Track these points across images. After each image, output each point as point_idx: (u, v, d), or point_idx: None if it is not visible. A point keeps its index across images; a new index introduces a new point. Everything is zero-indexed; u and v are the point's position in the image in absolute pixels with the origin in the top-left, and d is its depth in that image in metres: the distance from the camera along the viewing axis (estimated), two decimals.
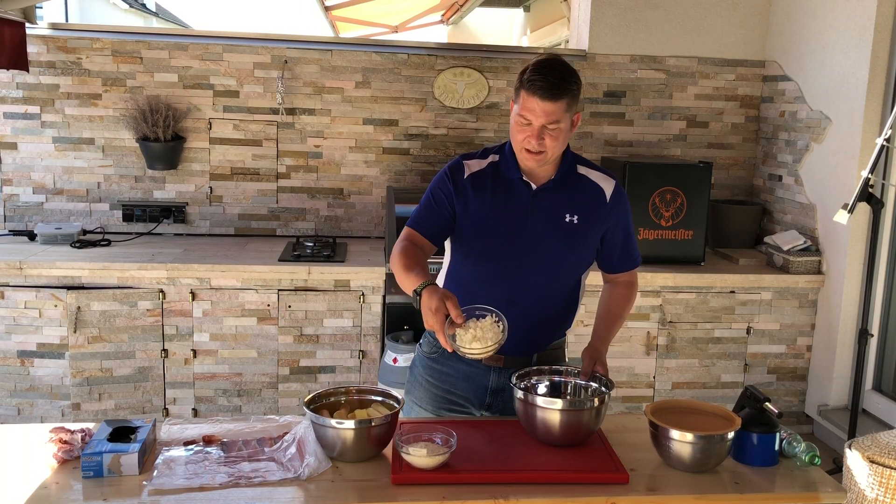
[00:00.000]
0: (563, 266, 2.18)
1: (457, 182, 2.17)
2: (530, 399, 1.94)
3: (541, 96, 1.99)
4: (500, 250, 2.14)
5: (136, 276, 3.60)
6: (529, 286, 2.15)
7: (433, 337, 2.27)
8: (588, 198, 2.17)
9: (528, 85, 2.02)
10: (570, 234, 2.14)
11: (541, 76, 2.00)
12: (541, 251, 2.14)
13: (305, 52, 4.18)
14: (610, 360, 3.92)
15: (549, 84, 1.99)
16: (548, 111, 2.00)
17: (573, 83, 2.04)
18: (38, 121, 4.10)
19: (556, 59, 2.08)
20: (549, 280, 2.17)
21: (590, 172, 2.20)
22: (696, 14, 4.37)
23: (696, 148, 4.51)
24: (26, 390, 3.64)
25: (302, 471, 1.79)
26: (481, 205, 2.15)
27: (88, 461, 1.76)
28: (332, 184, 4.31)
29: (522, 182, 2.14)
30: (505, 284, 2.13)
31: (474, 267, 2.18)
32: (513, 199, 2.14)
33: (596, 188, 2.18)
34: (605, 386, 2.05)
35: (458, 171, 2.19)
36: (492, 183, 2.16)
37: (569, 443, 1.94)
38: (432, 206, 2.19)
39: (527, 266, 2.14)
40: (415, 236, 2.18)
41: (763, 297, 3.91)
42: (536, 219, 2.13)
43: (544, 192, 2.14)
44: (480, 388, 2.22)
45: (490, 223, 2.14)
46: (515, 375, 2.05)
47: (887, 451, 2.67)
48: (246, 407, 3.76)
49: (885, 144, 3.07)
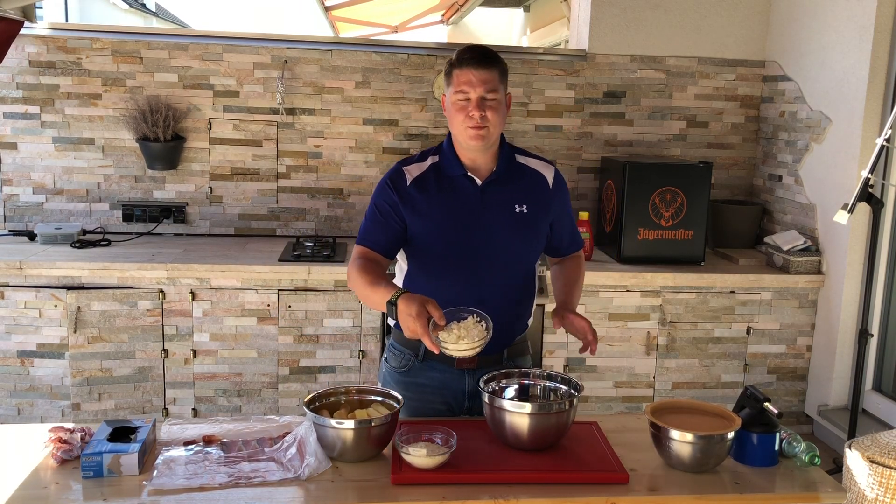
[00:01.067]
0: (520, 257, 2.20)
1: (400, 191, 2.14)
2: (497, 403, 1.91)
3: (475, 66, 2.06)
4: (458, 251, 2.13)
5: (136, 276, 3.60)
6: (493, 282, 2.15)
7: (399, 349, 2.25)
8: (533, 186, 2.20)
9: (459, 62, 2.09)
10: (523, 224, 2.16)
11: (469, 51, 2.09)
12: (497, 245, 2.14)
13: (305, 52, 4.18)
14: (610, 360, 3.96)
15: (479, 54, 2.08)
16: (484, 79, 2.06)
17: (499, 58, 2.13)
18: (38, 121, 4.10)
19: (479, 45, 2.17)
20: (509, 273, 2.18)
21: (529, 161, 2.23)
22: (696, 14, 4.37)
23: (696, 148, 4.51)
24: (26, 390, 3.64)
25: (302, 471, 1.79)
26: (430, 208, 2.13)
27: (88, 461, 1.76)
28: (332, 184, 4.31)
29: (467, 178, 2.15)
30: (471, 284, 2.11)
31: (435, 272, 2.17)
32: (461, 197, 2.14)
33: (538, 176, 2.21)
34: (574, 388, 2.03)
35: (399, 178, 2.16)
36: (436, 184, 2.15)
37: (538, 447, 1.91)
38: (380, 220, 2.16)
39: (487, 263, 2.14)
40: (368, 253, 2.16)
41: (763, 297, 3.91)
42: (488, 214, 2.14)
43: (491, 186, 2.15)
44: (458, 393, 2.22)
45: (442, 225, 2.13)
46: (483, 380, 2.01)
47: (887, 451, 2.67)
48: (246, 407, 3.76)
49: (885, 144, 3.07)
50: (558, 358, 3.82)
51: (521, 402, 1.98)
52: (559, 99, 4.36)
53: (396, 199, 2.14)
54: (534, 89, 4.34)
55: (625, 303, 3.84)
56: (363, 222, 2.22)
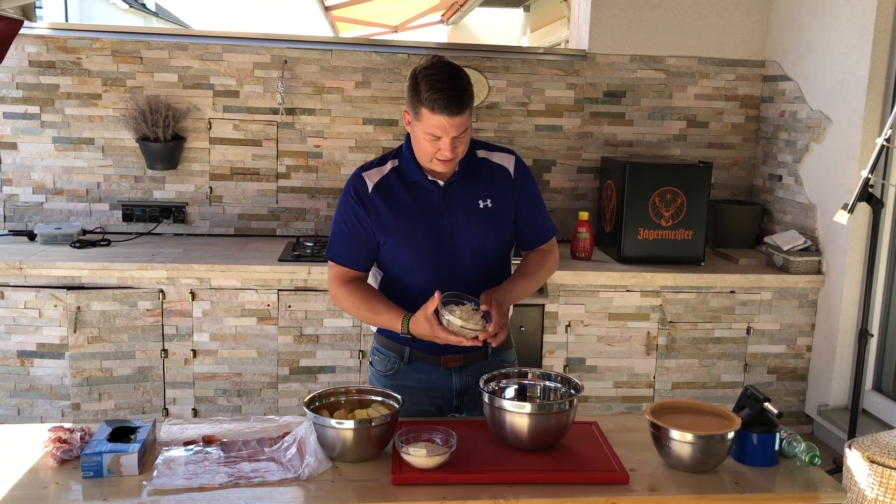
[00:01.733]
0: (490, 251, 2.19)
1: (364, 201, 2.13)
2: (497, 403, 1.91)
3: (449, 114, 1.98)
4: (427, 253, 2.13)
5: (135, 276, 3.60)
6: (466, 280, 2.14)
7: (384, 353, 2.25)
8: (495, 179, 2.18)
9: (430, 104, 1.98)
10: (488, 218, 2.16)
11: (441, 93, 1.97)
12: (466, 243, 2.14)
13: (305, 52, 4.18)
14: (610, 360, 3.95)
15: (452, 98, 1.97)
16: (457, 124, 2.00)
17: (468, 85, 2.02)
18: (37, 121, 4.10)
19: (442, 64, 2.03)
20: (482, 268, 2.18)
21: (490, 154, 2.21)
22: (696, 14, 4.37)
23: (696, 148, 4.51)
24: (26, 390, 3.64)
25: (302, 471, 1.79)
26: (395, 215, 2.13)
27: (88, 461, 1.76)
28: (332, 184, 4.31)
29: (429, 182, 2.14)
30: (444, 285, 2.09)
31: (406, 275, 2.17)
32: (423, 200, 2.14)
33: (499, 168, 2.20)
34: (574, 388, 2.03)
35: (360, 186, 2.15)
36: (398, 189, 2.14)
37: (538, 447, 1.91)
38: (348, 234, 2.16)
39: (458, 261, 2.14)
40: (346, 274, 2.16)
41: (763, 297, 3.91)
42: (453, 212, 2.13)
43: (453, 186, 2.14)
44: (446, 392, 2.22)
45: (410, 230, 2.12)
46: (482, 380, 2.02)
47: (887, 451, 2.67)
48: (246, 407, 3.76)
49: (885, 144, 3.07)
50: (558, 358, 3.82)
51: (521, 402, 1.98)
52: (559, 99, 4.36)
53: (360, 209, 2.13)
54: (534, 89, 4.34)
55: (625, 303, 3.84)
56: (331, 237, 2.20)
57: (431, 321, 1.97)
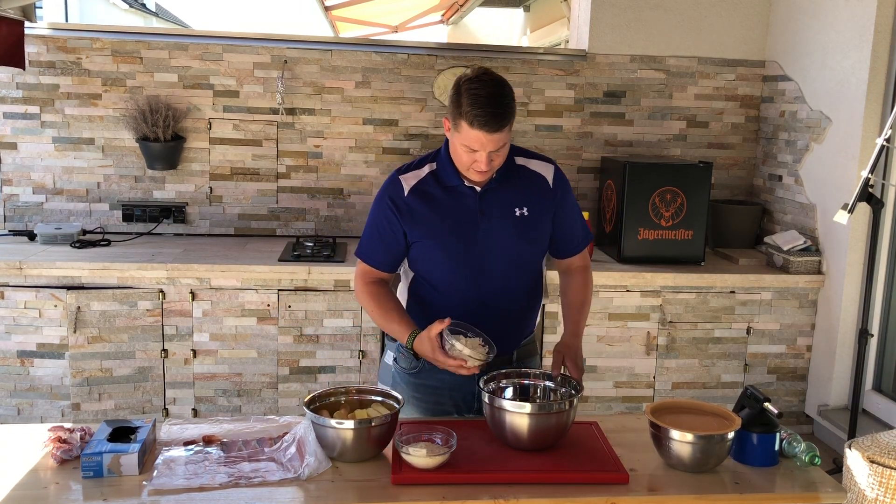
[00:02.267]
0: (523, 259, 2.19)
1: (398, 205, 2.14)
2: (497, 403, 1.91)
3: (487, 130, 1.96)
4: (460, 257, 2.13)
5: (135, 276, 3.60)
6: (496, 286, 2.15)
7: (408, 351, 2.25)
8: (533, 188, 2.17)
9: (469, 118, 1.96)
10: (525, 226, 2.15)
11: (482, 109, 1.94)
12: (500, 250, 2.14)
13: (305, 52, 4.18)
14: (610, 360, 3.95)
15: (492, 116, 1.95)
16: (495, 140, 1.99)
17: (511, 101, 1.99)
18: (37, 121, 4.10)
19: (486, 78, 1.99)
20: (514, 276, 2.18)
21: (528, 162, 2.20)
22: (696, 14, 4.37)
23: (696, 148, 4.51)
24: (26, 390, 3.64)
25: (302, 471, 1.79)
26: (431, 217, 2.13)
27: (88, 461, 1.76)
28: (332, 184, 4.31)
29: (466, 187, 2.13)
30: (473, 289, 2.12)
31: (437, 277, 2.17)
32: (461, 204, 2.13)
33: (538, 177, 2.19)
34: (574, 388, 2.02)
35: (396, 190, 2.15)
36: (435, 193, 2.14)
37: (538, 447, 1.91)
38: (378, 237, 2.18)
39: (490, 267, 2.14)
40: (371, 274, 2.21)
41: (763, 297, 3.91)
42: (488, 219, 2.13)
43: (490, 193, 2.14)
44: (468, 395, 2.23)
45: (444, 233, 2.13)
46: (482, 380, 2.02)
47: (887, 451, 2.67)
48: (246, 407, 3.76)
49: (885, 144, 3.07)
50: None
51: (521, 402, 1.98)
52: (559, 99, 4.36)
53: (394, 215, 2.14)
54: (534, 89, 4.34)
55: (625, 303, 3.84)
56: (364, 231, 2.23)
57: (434, 343, 1.99)
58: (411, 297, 2.26)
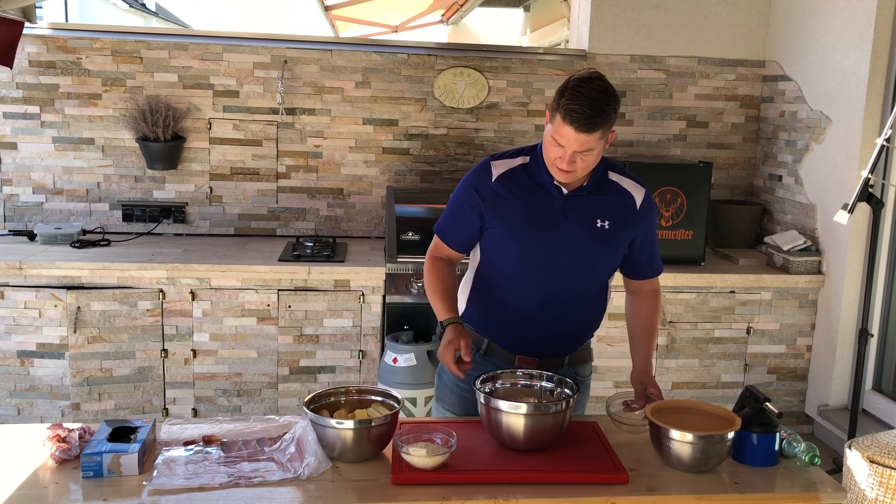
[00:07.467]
0: (594, 270, 2.20)
1: (483, 191, 2.14)
2: (493, 404, 1.90)
3: (576, 127, 1.94)
4: (532, 253, 2.13)
5: (135, 276, 3.60)
6: (563, 289, 2.16)
7: None
8: (619, 204, 2.17)
9: (564, 111, 1.95)
10: (602, 239, 2.15)
11: (578, 105, 1.93)
12: (573, 255, 2.13)
13: (305, 52, 4.18)
14: (610, 360, 3.95)
15: (585, 116, 1.93)
16: (581, 141, 1.96)
17: (610, 111, 1.97)
18: (37, 121, 4.10)
19: (596, 82, 1.97)
20: (582, 284, 2.18)
21: (621, 179, 2.19)
22: (696, 14, 4.37)
23: (696, 148, 4.51)
24: (26, 390, 3.64)
25: (302, 471, 1.79)
26: (513, 207, 2.13)
27: (88, 461, 1.76)
28: (332, 184, 4.31)
29: (554, 186, 2.12)
30: (539, 287, 2.13)
31: (506, 268, 2.18)
32: (545, 202, 2.12)
33: (627, 195, 2.18)
34: (570, 389, 2.03)
35: (485, 174, 2.15)
36: (523, 184, 2.14)
37: (534, 448, 1.91)
38: (458, 217, 2.20)
39: (560, 269, 2.14)
40: (443, 249, 2.25)
41: (763, 297, 3.91)
42: (568, 223, 2.12)
43: (576, 198, 2.13)
44: None
45: (522, 226, 2.13)
46: (479, 380, 2.03)
47: (887, 451, 2.66)
48: (246, 407, 3.76)
49: (885, 144, 3.07)
50: None
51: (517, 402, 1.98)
52: None
53: (478, 199, 2.15)
54: (534, 89, 4.34)
55: (625, 303, 3.83)
56: (447, 206, 2.24)
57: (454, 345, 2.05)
58: (475, 287, 2.26)
